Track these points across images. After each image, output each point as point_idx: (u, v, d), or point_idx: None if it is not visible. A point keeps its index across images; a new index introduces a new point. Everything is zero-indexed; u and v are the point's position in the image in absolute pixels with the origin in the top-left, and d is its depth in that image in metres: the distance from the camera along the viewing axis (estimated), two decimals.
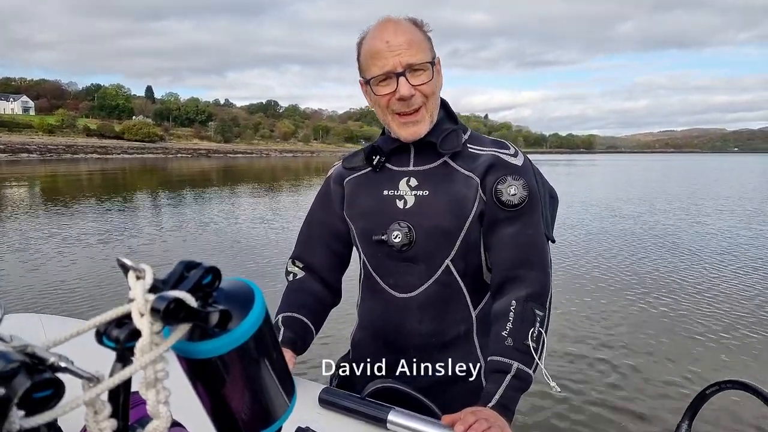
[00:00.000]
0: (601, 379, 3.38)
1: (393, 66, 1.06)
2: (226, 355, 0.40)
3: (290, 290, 1.28)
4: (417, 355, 1.15)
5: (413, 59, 1.06)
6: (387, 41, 1.06)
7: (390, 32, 1.07)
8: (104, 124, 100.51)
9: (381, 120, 1.17)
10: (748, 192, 18.54)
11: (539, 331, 1.04)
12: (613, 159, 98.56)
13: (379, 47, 1.07)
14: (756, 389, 0.71)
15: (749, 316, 4.56)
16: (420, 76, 1.08)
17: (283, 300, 1.25)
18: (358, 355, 1.26)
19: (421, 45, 1.09)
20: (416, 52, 1.07)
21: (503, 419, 0.93)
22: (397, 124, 1.12)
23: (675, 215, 11.75)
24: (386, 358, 1.16)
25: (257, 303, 0.41)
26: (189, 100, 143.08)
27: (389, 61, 1.06)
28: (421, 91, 1.09)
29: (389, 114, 1.12)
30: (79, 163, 43.79)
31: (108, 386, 0.33)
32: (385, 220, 1.15)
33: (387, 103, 1.10)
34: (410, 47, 1.07)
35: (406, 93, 1.06)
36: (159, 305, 0.33)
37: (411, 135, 1.12)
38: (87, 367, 0.34)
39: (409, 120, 1.11)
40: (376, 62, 1.08)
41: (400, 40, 1.06)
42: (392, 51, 1.06)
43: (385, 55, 1.06)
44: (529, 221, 1.12)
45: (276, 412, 0.45)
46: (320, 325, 1.27)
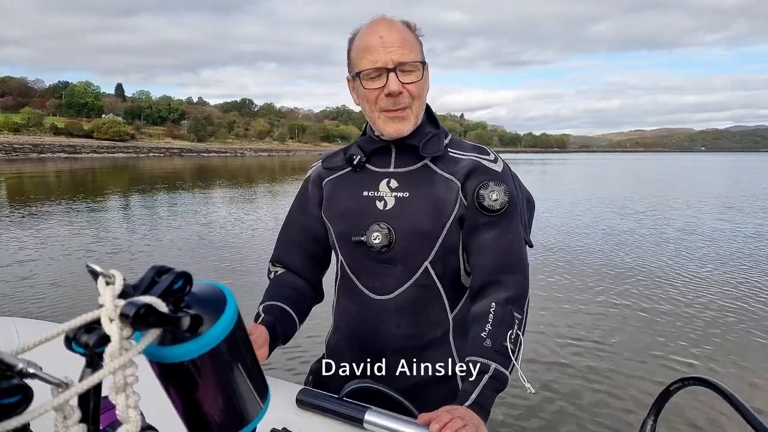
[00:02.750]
0: (569, 376, 3.44)
1: (384, 62, 1.07)
2: (197, 359, 0.40)
3: (272, 284, 1.27)
4: (393, 358, 1.15)
5: (404, 58, 1.08)
6: (381, 36, 1.08)
7: (384, 29, 1.09)
8: (72, 122, 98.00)
9: (367, 116, 1.17)
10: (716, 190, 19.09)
11: (517, 333, 1.05)
12: (585, 158, 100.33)
13: (373, 42, 1.08)
14: (715, 385, 0.74)
15: (715, 313, 4.70)
16: (409, 75, 1.09)
17: (265, 294, 1.24)
18: (334, 357, 1.26)
19: (413, 45, 1.11)
20: (408, 51, 1.08)
21: (479, 418, 0.94)
22: (383, 120, 1.12)
23: (645, 215, 12.02)
24: (362, 361, 1.16)
25: (229, 307, 0.41)
26: (161, 98, 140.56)
27: (381, 56, 1.07)
28: (409, 90, 1.09)
29: (376, 110, 1.12)
30: (46, 163, 42.65)
31: (76, 392, 0.33)
32: (365, 221, 1.14)
33: (375, 98, 1.11)
34: (402, 46, 1.08)
35: (395, 89, 1.07)
36: (128, 311, 0.33)
37: (395, 131, 1.12)
38: (58, 372, 0.34)
39: (395, 116, 1.11)
40: (367, 56, 1.08)
41: (394, 37, 1.08)
42: (385, 47, 1.07)
43: (378, 51, 1.07)
44: (509, 226, 1.13)
45: (249, 414, 0.45)
46: (303, 317, 1.25)
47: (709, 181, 25.48)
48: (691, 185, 22.00)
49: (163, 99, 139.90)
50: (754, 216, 11.46)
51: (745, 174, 33.17)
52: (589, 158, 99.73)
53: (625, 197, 15.87)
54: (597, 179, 26.61)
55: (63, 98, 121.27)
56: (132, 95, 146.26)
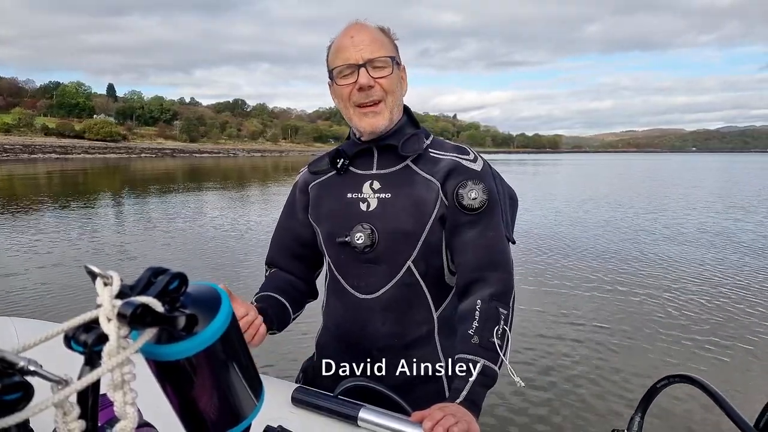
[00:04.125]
0: (559, 374, 3.47)
1: (355, 59, 1.12)
2: (193, 357, 0.41)
3: (266, 279, 1.32)
4: (379, 356, 1.17)
5: (373, 54, 1.13)
6: (352, 37, 1.14)
7: (356, 30, 1.15)
8: (63, 123, 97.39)
9: (344, 115, 1.21)
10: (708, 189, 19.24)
11: (503, 328, 1.07)
12: (578, 159, 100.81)
13: (344, 42, 1.14)
14: (700, 383, 0.76)
15: (705, 311, 4.76)
16: (380, 71, 1.13)
17: (260, 288, 1.28)
18: (323, 356, 1.27)
19: (383, 44, 1.15)
20: (377, 49, 1.13)
21: (470, 414, 0.95)
22: (357, 116, 1.16)
23: (638, 214, 12.11)
24: (350, 359, 1.17)
25: (223, 307, 0.43)
26: (153, 99, 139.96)
27: (351, 54, 1.12)
28: (380, 84, 1.13)
29: (350, 106, 1.16)
30: (37, 164, 42.33)
31: (76, 389, 0.34)
32: (349, 223, 1.17)
33: (348, 95, 1.15)
34: (372, 44, 1.13)
35: (365, 82, 1.11)
36: (125, 310, 0.35)
37: (370, 126, 1.15)
38: (58, 371, 0.35)
39: (369, 110, 1.15)
40: (339, 55, 1.14)
41: (364, 37, 1.14)
42: (355, 46, 1.13)
43: (349, 49, 1.13)
44: (490, 224, 1.16)
45: (244, 411, 0.47)
46: (297, 307, 1.28)
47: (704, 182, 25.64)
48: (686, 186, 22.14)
49: (155, 99, 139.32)
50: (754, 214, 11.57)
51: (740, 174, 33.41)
52: (582, 159, 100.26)
53: (615, 199, 15.95)
54: (589, 183, 26.71)
55: (54, 98, 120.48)
56: (124, 95, 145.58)
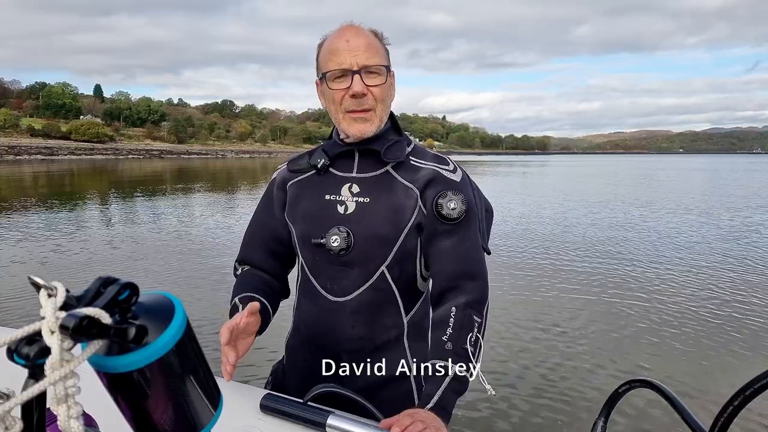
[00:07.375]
0: (525, 379, 3.48)
1: (350, 64, 1.10)
2: (145, 369, 0.40)
3: (240, 279, 1.28)
4: (348, 359, 1.17)
5: (369, 61, 1.11)
6: (348, 41, 1.12)
7: (351, 34, 1.13)
8: (50, 124, 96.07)
9: (332, 117, 1.19)
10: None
11: (477, 336, 1.08)
12: (566, 160, 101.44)
13: (339, 45, 1.12)
14: (659, 387, 0.77)
15: (670, 317, 4.75)
16: (374, 78, 1.13)
17: (235, 288, 1.25)
18: (293, 358, 1.28)
19: (378, 51, 1.14)
20: (373, 55, 1.12)
21: (440, 420, 0.95)
22: (347, 121, 1.15)
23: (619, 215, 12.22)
24: (319, 361, 1.17)
25: (177, 316, 0.42)
26: (141, 100, 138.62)
27: (347, 59, 1.10)
28: (373, 93, 1.13)
29: (341, 111, 1.15)
30: (22, 165, 41.81)
31: (17, 402, 0.33)
32: (326, 225, 1.17)
33: (340, 99, 1.14)
34: (368, 50, 1.12)
35: (359, 89, 1.10)
36: (68, 322, 0.34)
37: (359, 132, 1.15)
38: (1, 384, 0.34)
39: (359, 116, 1.14)
40: (334, 58, 1.12)
41: (360, 42, 1.12)
42: (351, 51, 1.10)
43: (344, 53, 1.11)
44: (467, 234, 1.16)
45: (201, 421, 0.46)
46: (275, 308, 1.26)
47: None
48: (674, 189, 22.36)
49: (142, 100, 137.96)
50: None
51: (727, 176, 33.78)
52: (570, 160, 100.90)
53: (593, 204, 16.09)
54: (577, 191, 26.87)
55: (40, 99, 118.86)
56: (111, 96, 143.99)
